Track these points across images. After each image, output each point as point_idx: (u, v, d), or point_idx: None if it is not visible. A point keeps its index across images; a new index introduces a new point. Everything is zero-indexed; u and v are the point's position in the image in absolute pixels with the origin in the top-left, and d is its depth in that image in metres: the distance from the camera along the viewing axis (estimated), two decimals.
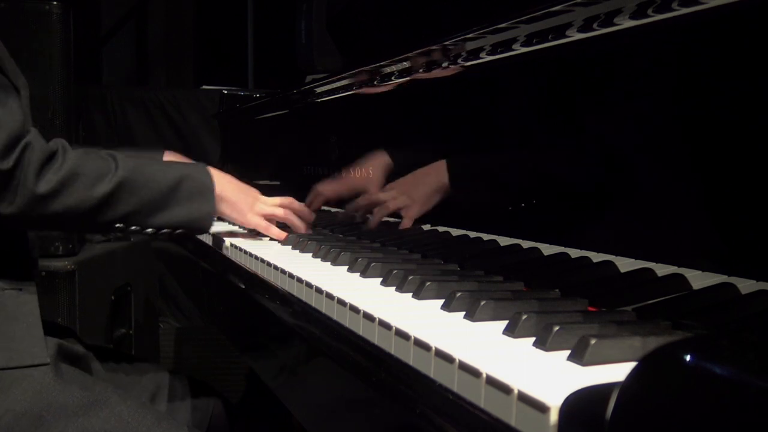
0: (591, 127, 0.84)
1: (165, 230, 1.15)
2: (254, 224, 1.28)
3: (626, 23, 0.71)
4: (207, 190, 1.17)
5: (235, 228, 1.48)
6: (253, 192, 1.31)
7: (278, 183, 1.90)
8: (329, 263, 1.02)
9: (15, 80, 1.15)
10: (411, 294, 0.78)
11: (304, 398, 0.90)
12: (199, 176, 1.19)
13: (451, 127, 1.14)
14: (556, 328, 0.55)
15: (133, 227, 1.12)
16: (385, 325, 0.65)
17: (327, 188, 1.51)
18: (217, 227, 1.39)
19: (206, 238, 1.47)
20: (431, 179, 1.13)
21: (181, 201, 1.14)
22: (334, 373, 0.74)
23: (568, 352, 0.52)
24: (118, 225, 1.11)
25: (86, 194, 1.06)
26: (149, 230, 1.14)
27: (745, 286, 0.62)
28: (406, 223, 1.20)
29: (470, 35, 0.92)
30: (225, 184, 1.23)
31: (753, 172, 0.63)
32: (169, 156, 1.52)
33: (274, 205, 1.32)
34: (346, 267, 0.97)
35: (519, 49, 0.88)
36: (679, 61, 0.72)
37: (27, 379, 0.99)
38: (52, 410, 0.97)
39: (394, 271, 0.84)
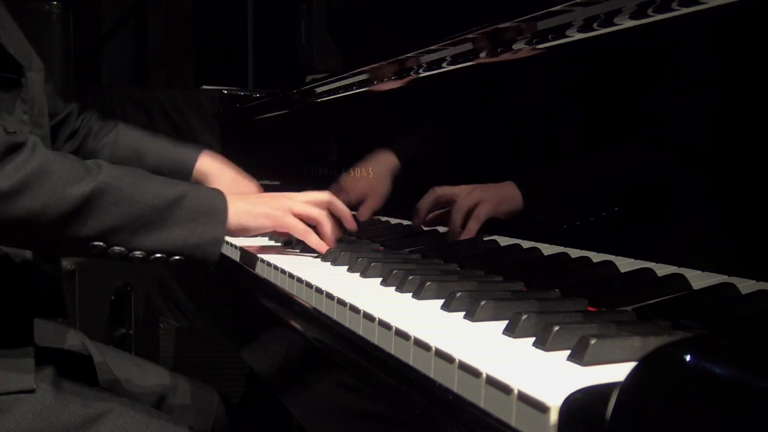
0: (590, 127, 0.84)
1: (157, 255, 0.94)
2: (288, 226, 1.07)
3: (626, 23, 0.71)
4: (216, 210, 0.98)
5: None
6: (281, 194, 1.13)
7: (278, 183, 1.90)
8: (329, 263, 1.02)
9: (24, 60, 1.06)
10: (411, 294, 0.78)
11: (304, 398, 0.90)
12: (208, 194, 0.99)
13: (451, 128, 1.14)
14: (556, 328, 0.55)
15: (116, 249, 0.92)
16: (385, 325, 0.65)
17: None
18: None
19: None
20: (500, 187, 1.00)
21: (181, 221, 0.94)
22: (334, 373, 0.74)
23: (568, 352, 0.52)
24: (95, 243, 0.91)
25: (54, 197, 0.86)
26: (137, 254, 0.93)
27: (745, 286, 0.62)
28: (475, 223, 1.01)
29: (470, 35, 0.92)
30: (238, 202, 1.03)
31: (753, 171, 0.63)
32: (206, 156, 1.39)
33: (307, 202, 1.09)
34: (346, 267, 0.97)
35: (519, 49, 0.88)
36: (679, 62, 0.72)
37: (26, 400, 0.95)
38: (53, 431, 0.94)
39: (394, 271, 0.84)
